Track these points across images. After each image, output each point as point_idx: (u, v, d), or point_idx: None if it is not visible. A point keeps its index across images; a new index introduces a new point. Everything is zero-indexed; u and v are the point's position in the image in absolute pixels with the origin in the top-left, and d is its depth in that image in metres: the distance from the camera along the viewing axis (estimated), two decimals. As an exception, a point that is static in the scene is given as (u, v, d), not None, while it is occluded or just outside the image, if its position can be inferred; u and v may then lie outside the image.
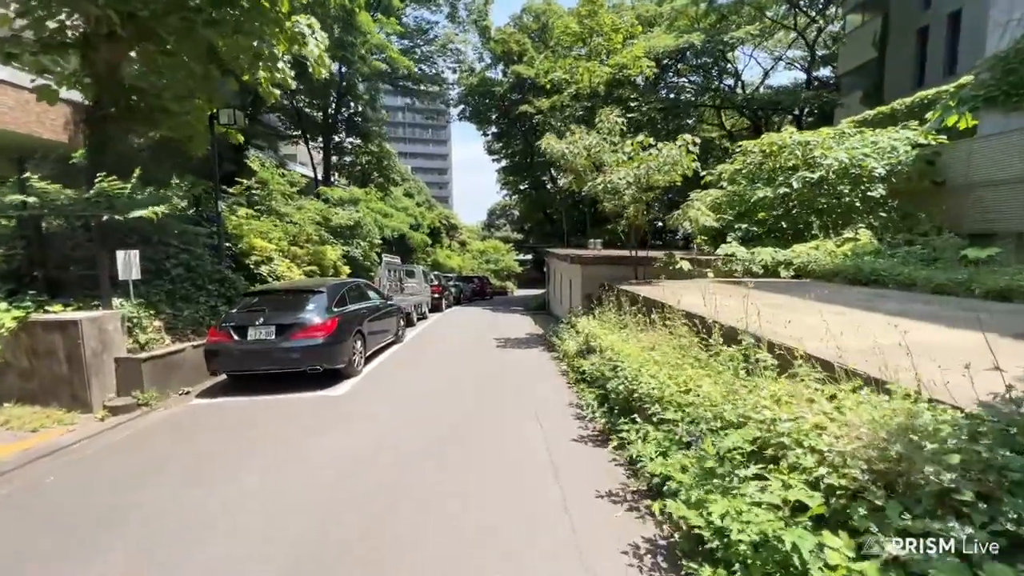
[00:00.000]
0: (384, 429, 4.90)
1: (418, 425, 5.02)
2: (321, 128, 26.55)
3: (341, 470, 3.93)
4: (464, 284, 27.39)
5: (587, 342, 7.01)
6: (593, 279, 11.10)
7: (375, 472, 3.90)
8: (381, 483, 3.68)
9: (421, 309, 15.03)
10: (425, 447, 4.39)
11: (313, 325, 6.37)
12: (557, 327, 10.28)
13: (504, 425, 5.01)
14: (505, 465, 4.00)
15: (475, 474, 3.84)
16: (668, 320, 5.84)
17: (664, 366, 4.51)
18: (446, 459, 4.11)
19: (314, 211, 13.32)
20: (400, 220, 20.42)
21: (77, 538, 3.01)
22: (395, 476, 3.81)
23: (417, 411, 5.51)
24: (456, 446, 4.41)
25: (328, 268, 12.68)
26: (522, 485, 3.62)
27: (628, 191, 9.65)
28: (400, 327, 10.36)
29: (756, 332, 3.80)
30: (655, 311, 6.25)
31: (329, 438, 4.69)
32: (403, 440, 4.58)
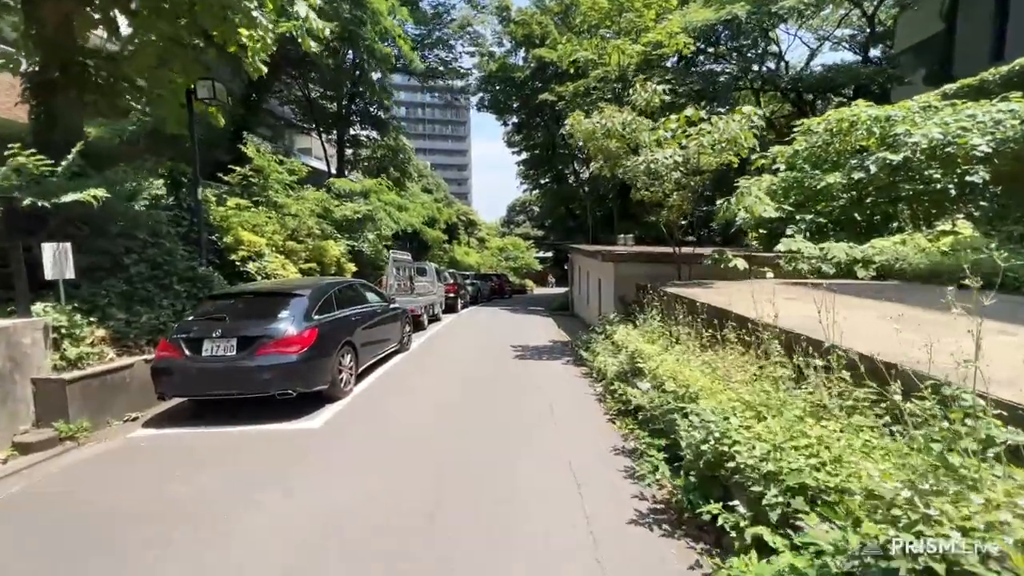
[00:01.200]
0: (359, 492, 3.52)
1: (406, 486, 3.62)
2: (334, 120, 25.56)
3: (285, 568, 2.57)
4: (482, 282, 26.05)
5: (632, 361, 5.50)
6: (628, 279, 9.56)
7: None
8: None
9: (433, 310, 13.73)
10: (406, 529, 2.98)
11: (285, 337, 5.04)
12: (587, 336, 8.79)
13: (527, 488, 3.56)
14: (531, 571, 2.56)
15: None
16: (746, 337, 4.33)
17: (767, 414, 3.01)
18: (435, 552, 2.70)
19: (314, 202, 12.10)
20: (414, 214, 19.15)
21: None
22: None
23: (409, 460, 4.12)
24: (455, 527, 3.00)
25: (330, 265, 11.46)
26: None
27: (673, 174, 8.08)
28: (406, 333, 9.03)
29: (944, 376, 2.25)
30: (726, 324, 4.71)
31: (283, 505, 3.34)
32: (380, 513, 3.19)
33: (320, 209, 12.20)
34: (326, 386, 5.48)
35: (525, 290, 39.23)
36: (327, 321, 5.72)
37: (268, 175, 11.31)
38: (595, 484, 3.56)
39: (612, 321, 8.01)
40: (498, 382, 6.75)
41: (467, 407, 5.57)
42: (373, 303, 7.61)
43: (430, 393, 6.20)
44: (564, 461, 3.99)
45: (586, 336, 8.75)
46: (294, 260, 10.13)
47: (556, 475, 3.73)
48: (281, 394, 4.97)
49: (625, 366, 5.64)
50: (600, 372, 6.50)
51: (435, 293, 13.84)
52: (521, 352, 9.05)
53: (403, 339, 8.86)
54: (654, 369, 4.73)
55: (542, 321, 15.19)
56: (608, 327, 7.67)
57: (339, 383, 5.72)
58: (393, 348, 8.33)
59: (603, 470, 3.81)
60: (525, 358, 8.48)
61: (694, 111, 7.77)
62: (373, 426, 4.94)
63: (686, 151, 7.60)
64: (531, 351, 9.17)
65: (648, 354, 5.22)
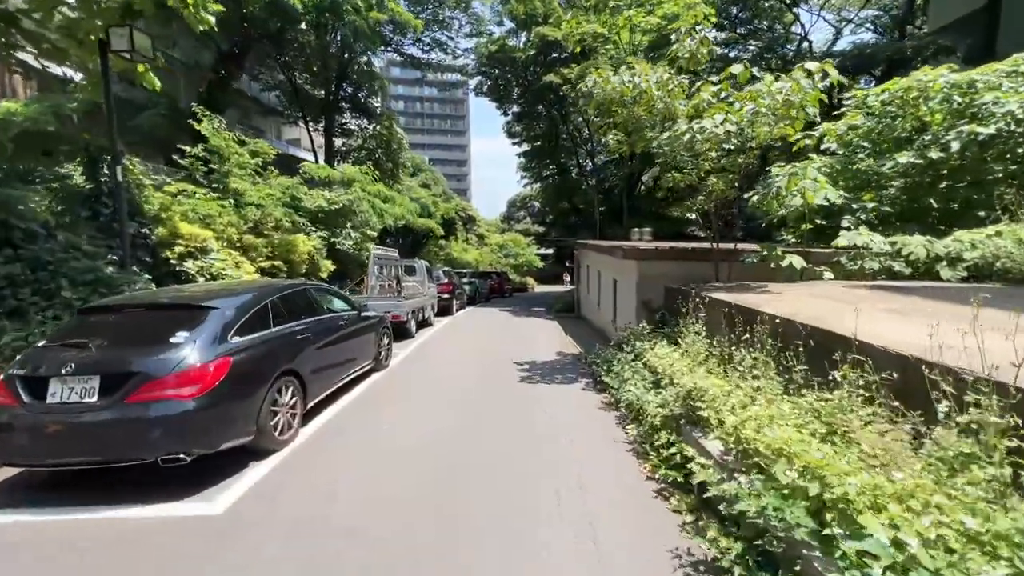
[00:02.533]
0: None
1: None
2: (322, 107, 23.82)
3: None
4: (480, 281, 24.35)
5: (687, 403, 3.83)
6: (654, 280, 7.90)
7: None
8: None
9: (423, 314, 12.07)
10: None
11: (176, 373, 3.37)
12: (605, 351, 7.13)
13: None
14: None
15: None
16: (863, 374, 2.72)
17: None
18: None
19: (279, 189, 10.36)
20: (404, 206, 17.38)
21: None
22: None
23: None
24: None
25: (300, 263, 9.80)
26: None
27: (713, 151, 6.42)
28: (383, 347, 7.38)
29: None
30: (813, 347, 3.04)
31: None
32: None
33: (287, 198, 10.47)
34: (248, 437, 3.82)
35: (526, 288, 37.57)
36: (255, 344, 4.05)
37: (227, 157, 9.61)
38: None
39: (640, 334, 6.34)
40: (500, 422, 5.06)
41: (456, 473, 3.90)
42: (336, 312, 5.94)
43: (404, 442, 4.53)
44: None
45: (605, 352, 7.09)
46: (253, 257, 8.46)
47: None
48: (167, 460, 3.31)
49: (674, 407, 3.97)
50: (632, 408, 4.84)
51: (425, 294, 12.19)
52: (527, 371, 7.39)
53: (379, 354, 7.20)
54: (733, 424, 3.07)
55: (546, 326, 13.53)
56: (636, 342, 6.00)
57: (271, 430, 4.06)
58: (365, 367, 6.67)
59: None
60: (532, 380, 6.81)
61: (743, 69, 6.07)
62: (309, 507, 3.28)
63: (740, 114, 5.92)
64: (538, 370, 7.50)
65: (713, 395, 3.56)
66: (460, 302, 18.24)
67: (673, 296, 7.17)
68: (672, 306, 7.16)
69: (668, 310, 7.35)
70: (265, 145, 10.65)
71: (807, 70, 5.99)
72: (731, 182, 7.15)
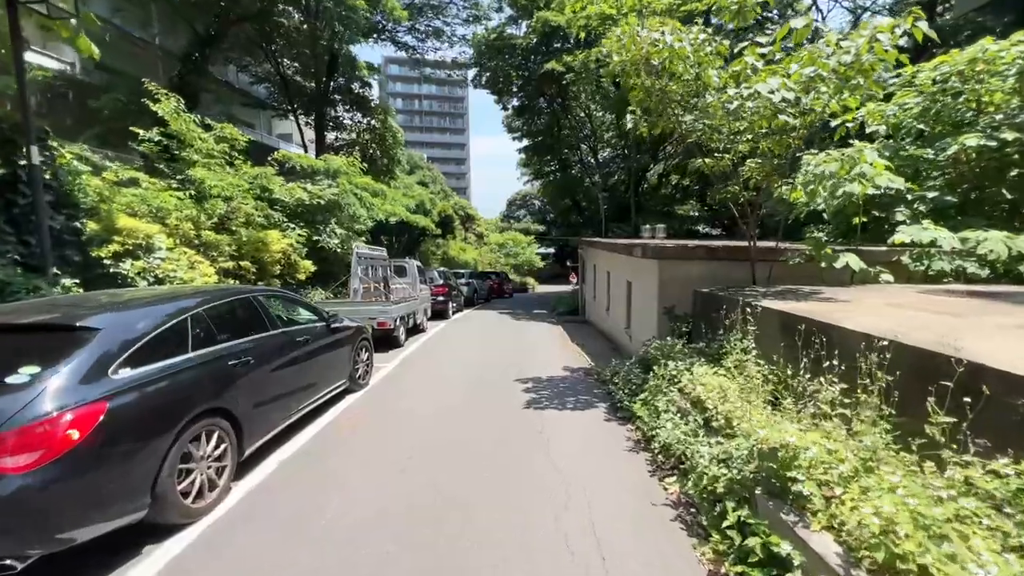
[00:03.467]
0: None
1: None
2: (312, 99, 22.65)
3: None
4: (479, 281, 23.21)
5: (769, 466, 2.67)
6: (679, 283, 6.76)
7: None
8: None
9: (414, 319, 10.91)
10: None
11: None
12: (625, 369, 5.97)
13: None
14: None
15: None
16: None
17: None
18: None
19: (246, 179, 9.09)
20: (395, 201, 16.10)
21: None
22: None
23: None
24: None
25: (273, 264, 8.64)
26: None
27: (768, 121, 5.28)
28: (361, 362, 6.23)
29: None
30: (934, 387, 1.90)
31: None
32: None
33: (257, 189, 9.27)
34: (137, 514, 2.67)
35: (527, 288, 36.44)
36: (157, 378, 2.90)
37: (188, 143, 8.43)
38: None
39: (671, 352, 5.18)
40: (497, 488, 3.88)
41: (450, 549, 2.75)
42: (296, 326, 4.79)
43: (363, 515, 3.38)
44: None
45: (624, 369, 5.93)
46: (214, 257, 7.29)
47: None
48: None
49: (744, 469, 2.82)
50: (670, 452, 3.70)
51: (417, 298, 11.02)
52: (531, 391, 6.24)
53: (356, 372, 6.06)
54: (870, 522, 1.92)
55: (550, 332, 12.39)
56: (668, 363, 4.84)
57: (178, 498, 2.91)
58: (335, 390, 5.51)
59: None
60: (539, 404, 5.65)
61: (805, 21, 4.91)
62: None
63: (796, 81, 4.77)
64: (545, 390, 6.35)
65: (812, 460, 2.41)
66: (457, 304, 17.10)
67: (706, 303, 6.02)
68: (704, 315, 6.01)
69: (699, 319, 6.21)
70: (233, 130, 9.44)
71: (883, 26, 4.85)
72: (774, 167, 6.01)
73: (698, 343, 5.70)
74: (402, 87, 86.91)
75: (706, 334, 5.58)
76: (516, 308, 19.81)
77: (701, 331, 6.03)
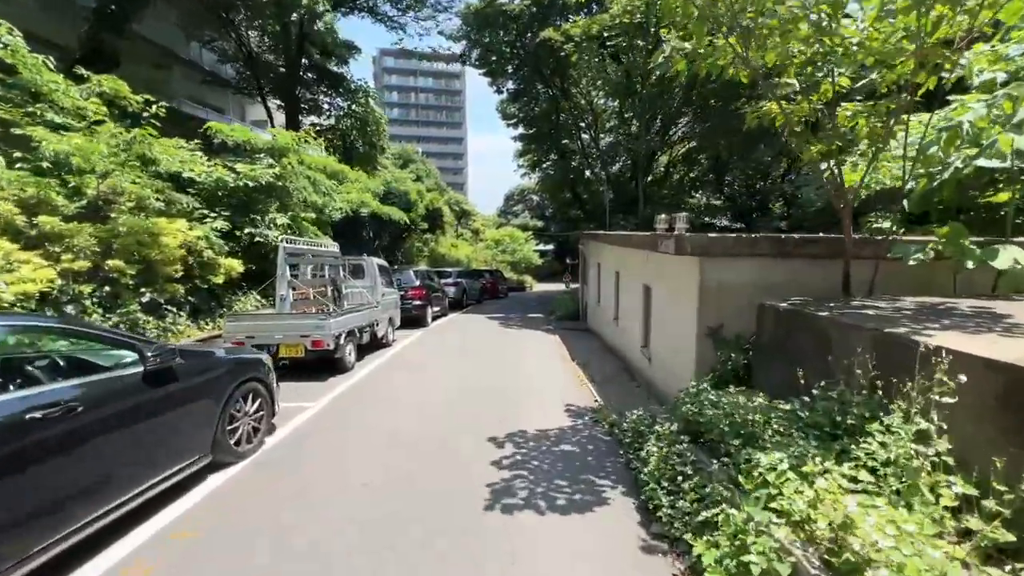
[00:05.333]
0: None
1: None
2: (283, 79, 20.33)
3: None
4: (470, 281, 20.93)
5: None
6: (731, 293, 4.54)
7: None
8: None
9: (376, 331, 8.69)
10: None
11: None
12: (648, 423, 3.72)
13: None
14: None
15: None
16: None
17: None
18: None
19: (107, 144, 6.42)
20: (361, 189, 13.54)
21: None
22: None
23: None
24: None
25: (170, 264, 6.38)
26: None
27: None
28: (238, 419, 4.01)
29: None
30: None
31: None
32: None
33: (133, 158, 6.88)
34: None
35: (524, 287, 34.20)
36: None
37: (47, 95, 6.13)
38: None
39: (750, 420, 2.93)
40: None
41: None
42: (56, 385, 2.57)
43: None
44: None
45: (657, 442, 3.66)
46: (57, 254, 5.04)
47: None
48: None
49: None
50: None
51: (378, 304, 8.78)
52: (509, 467, 4.01)
53: (232, 435, 3.84)
54: None
55: (546, 344, 10.17)
56: (752, 455, 2.61)
57: None
58: (173, 475, 3.28)
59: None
60: (515, 501, 3.40)
61: None
62: None
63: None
64: (533, 459, 4.12)
65: None
66: (440, 308, 14.86)
67: (784, 324, 3.79)
68: (780, 344, 3.78)
69: (768, 350, 3.97)
70: (119, 85, 7.02)
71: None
72: (902, 103, 3.77)
73: (762, 384, 3.49)
74: (398, 80, 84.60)
75: (773, 367, 3.37)
76: (509, 311, 17.58)
77: (769, 367, 3.81)
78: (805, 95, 3.99)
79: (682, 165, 24.66)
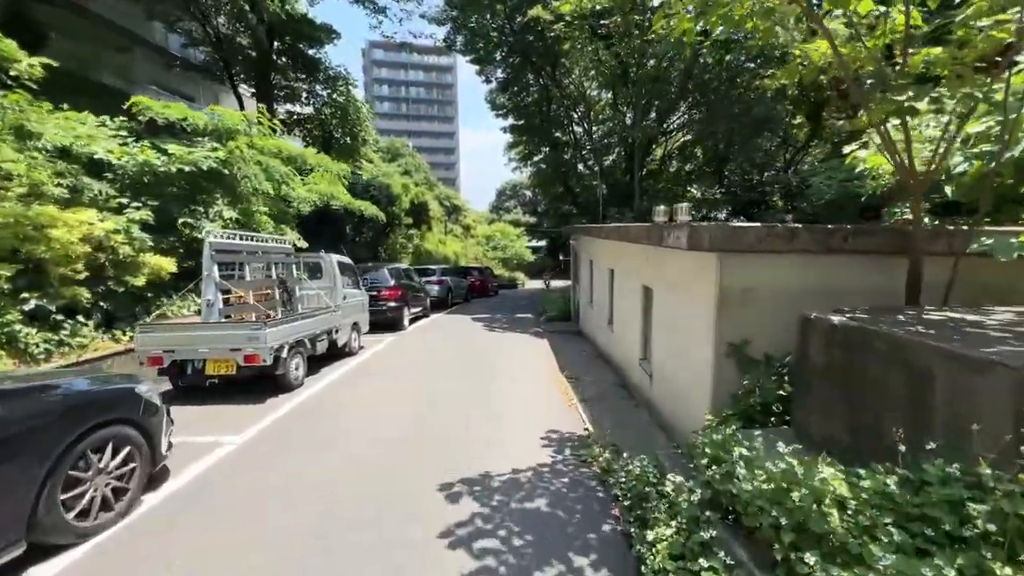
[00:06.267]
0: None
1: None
2: (254, 63, 19.01)
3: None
4: (456, 279, 19.78)
5: None
6: (760, 299, 3.44)
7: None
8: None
9: (336, 339, 7.57)
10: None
11: None
12: (653, 484, 2.67)
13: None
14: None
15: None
16: None
17: None
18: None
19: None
20: (331, 180, 12.02)
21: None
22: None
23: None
24: None
25: (69, 262, 5.22)
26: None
27: None
28: (83, 486, 2.88)
29: None
30: None
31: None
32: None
33: (5, 128, 5.63)
34: None
35: (515, 284, 33.09)
36: None
37: None
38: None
39: (813, 500, 1.88)
40: None
41: None
42: None
43: None
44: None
45: (671, 520, 2.60)
46: None
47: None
48: None
49: None
50: None
51: (337, 308, 7.63)
52: (467, 540, 2.93)
53: (64, 513, 2.72)
54: None
55: (533, 349, 9.09)
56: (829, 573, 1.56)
57: None
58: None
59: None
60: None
61: None
62: None
63: None
64: (502, 528, 3.04)
65: None
66: (421, 308, 13.72)
67: (841, 347, 2.70)
68: (833, 372, 2.70)
69: (817, 379, 2.90)
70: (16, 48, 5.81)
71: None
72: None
73: (806, 424, 2.43)
74: (388, 72, 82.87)
75: (843, 420, 2.30)
76: (497, 310, 16.48)
77: (817, 403, 2.73)
78: (868, 33, 2.91)
79: (679, 157, 23.62)
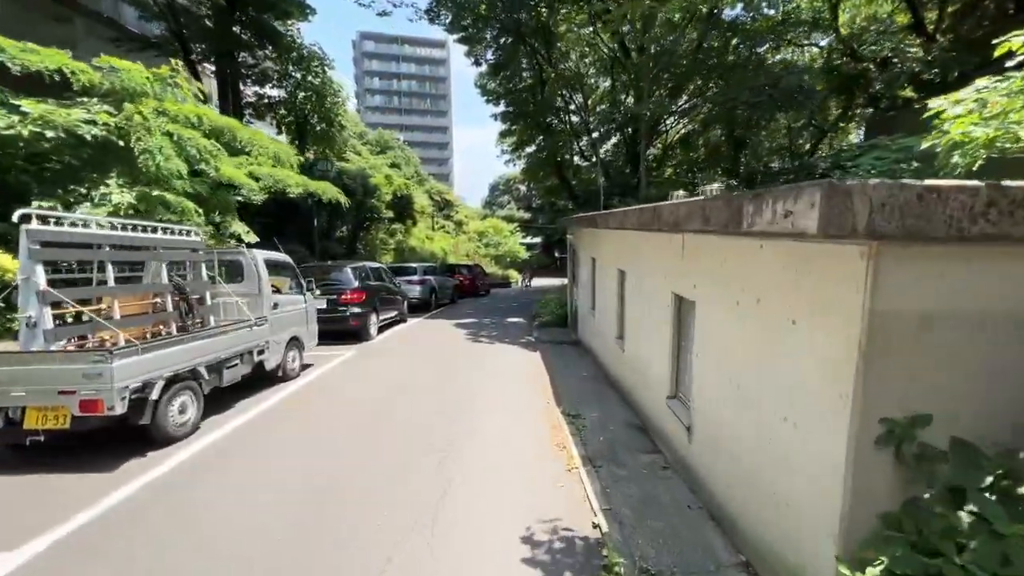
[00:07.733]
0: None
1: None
2: (216, 38, 16.96)
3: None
4: (441, 278, 17.83)
5: None
6: (952, 340, 1.57)
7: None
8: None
9: (272, 361, 5.73)
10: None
11: None
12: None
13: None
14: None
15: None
16: None
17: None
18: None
19: None
20: (270, 162, 9.78)
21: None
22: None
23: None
24: None
25: None
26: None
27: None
28: None
29: None
30: None
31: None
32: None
33: None
34: None
35: (509, 283, 31.24)
36: None
37: None
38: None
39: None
40: None
41: None
42: None
43: None
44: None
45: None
46: None
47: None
48: None
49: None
50: None
51: (264, 320, 5.78)
52: None
53: None
54: None
55: (523, 369, 7.27)
56: None
57: None
58: None
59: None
60: None
61: None
62: None
63: None
64: None
65: None
66: (396, 313, 11.86)
67: None
68: None
69: None
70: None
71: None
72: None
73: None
74: (379, 65, 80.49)
75: None
76: (486, 314, 14.64)
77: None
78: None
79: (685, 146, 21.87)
